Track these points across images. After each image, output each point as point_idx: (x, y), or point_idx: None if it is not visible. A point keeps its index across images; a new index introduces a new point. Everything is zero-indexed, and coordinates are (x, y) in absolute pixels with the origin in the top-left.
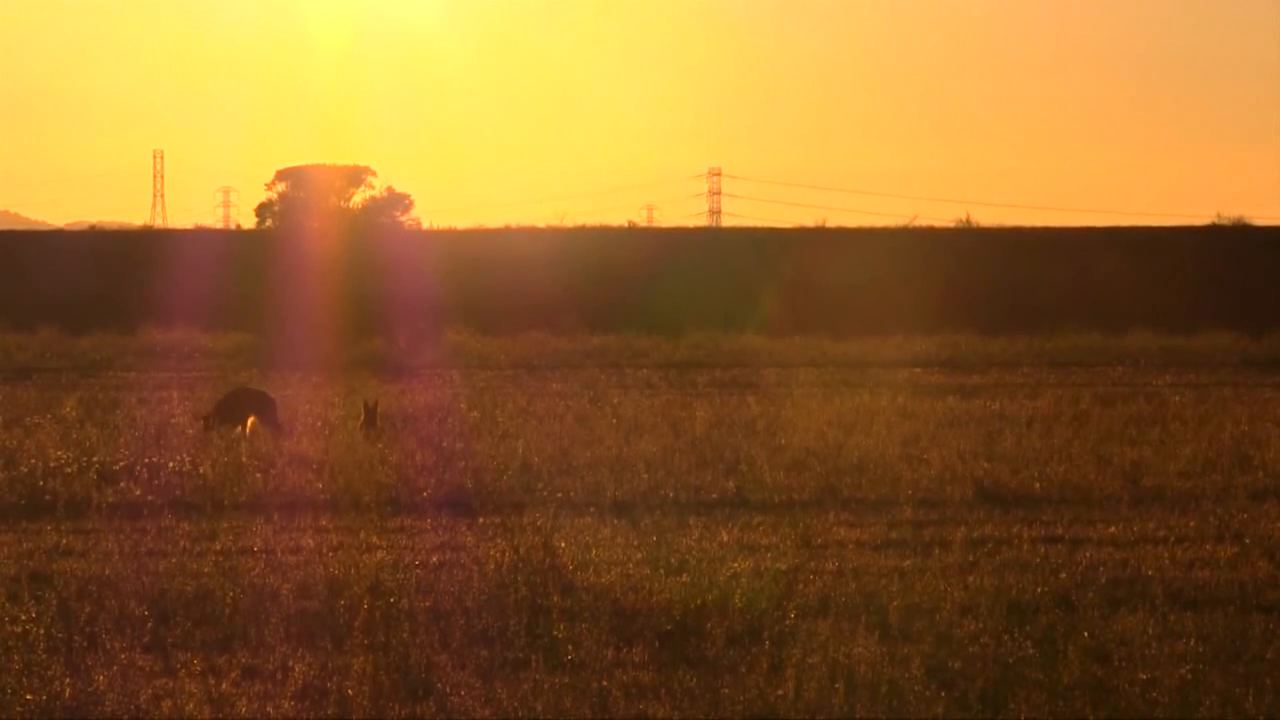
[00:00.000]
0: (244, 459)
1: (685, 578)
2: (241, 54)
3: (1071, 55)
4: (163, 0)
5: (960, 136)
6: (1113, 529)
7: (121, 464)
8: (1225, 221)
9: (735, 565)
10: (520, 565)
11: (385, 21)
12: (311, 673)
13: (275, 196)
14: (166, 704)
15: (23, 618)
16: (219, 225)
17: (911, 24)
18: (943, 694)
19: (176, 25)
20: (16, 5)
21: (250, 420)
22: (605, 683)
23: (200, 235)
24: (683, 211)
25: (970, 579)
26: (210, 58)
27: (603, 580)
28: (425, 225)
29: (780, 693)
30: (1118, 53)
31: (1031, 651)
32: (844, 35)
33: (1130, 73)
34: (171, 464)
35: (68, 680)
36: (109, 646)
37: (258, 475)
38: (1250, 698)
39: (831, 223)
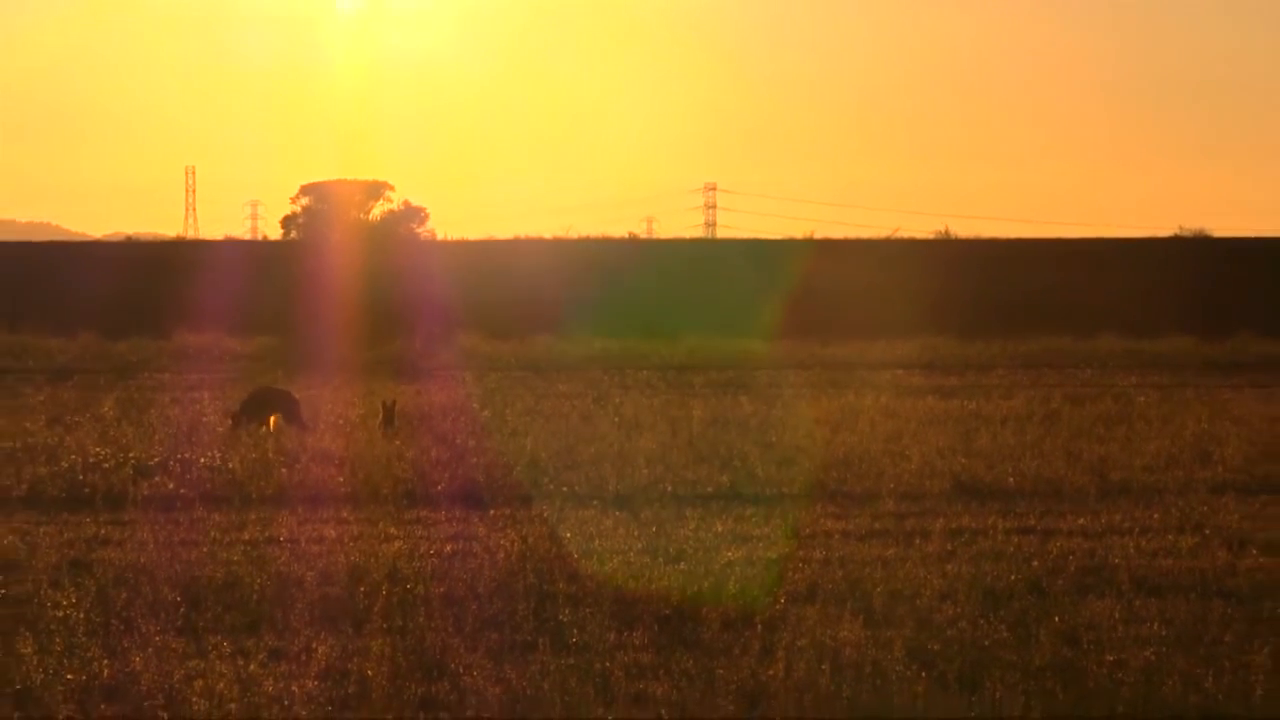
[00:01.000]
0: (270, 455)
1: (682, 566)
2: (268, 76)
3: (1044, 79)
4: (195, 26)
5: (940, 154)
6: (1082, 520)
7: (156, 459)
8: (1187, 233)
9: (729, 554)
10: (528, 554)
11: (403, 46)
12: (333, 654)
13: (299, 210)
14: (198, 684)
15: (64, 603)
16: (247, 236)
17: (895, 50)
18: (923, 674)
19: (208, 49)
20: (57, 32)
21: (274, 418)
22: (608, 664)
23: (229, 246)
24: (680, 224)
25: (948, 567)
26: (239, 80)
27: (605, 568)
28: (440, 236)
29: (771, 673)
30: (1088, 76)
31: (1006, 635)
32: (832, 59)
33: (1099, 95)
34: (202, 459)
35: (106, 661)
36: (144, 630)
37: (283, 470)
38: (1210, 678)
39: (820, 234)
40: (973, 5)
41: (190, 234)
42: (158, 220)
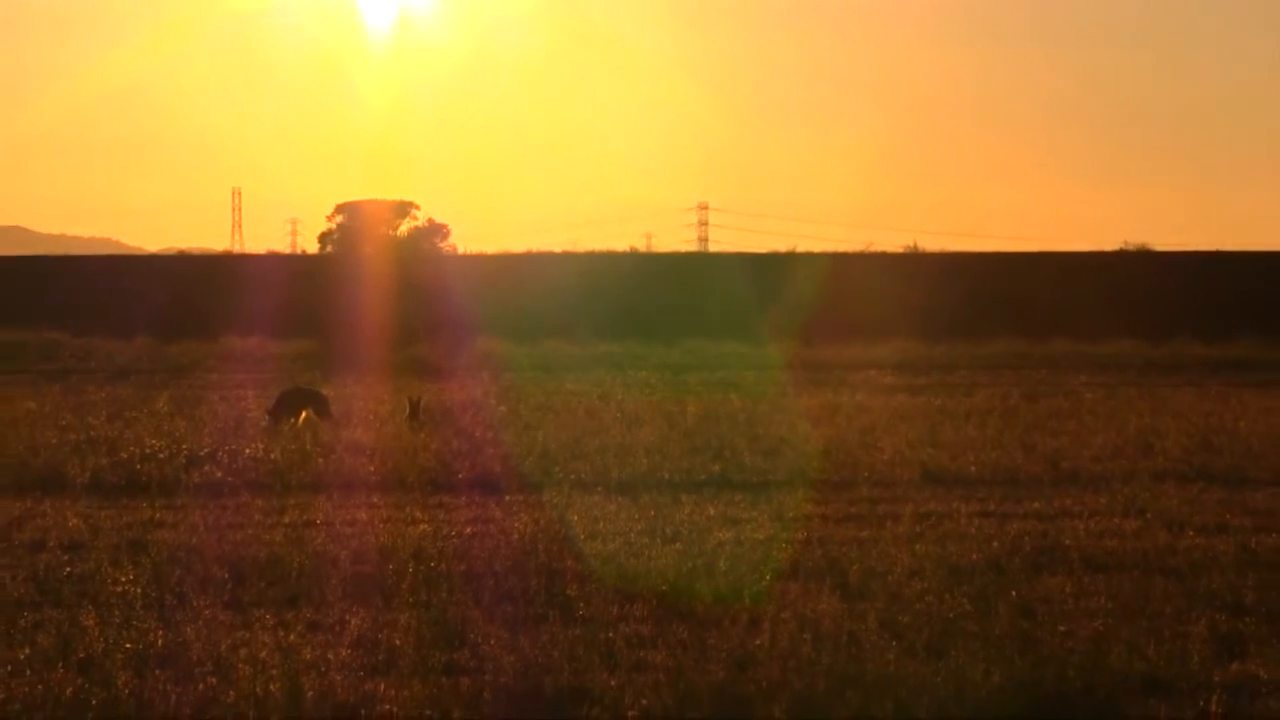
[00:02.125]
0: (308, 446)
1: (678, 546)
2: (307, 107)
3: (1002, 108)
4: (241, 62)
5: (909, 177)
6: (1036, 505)
7: (205, 450)
8: (1131, 248)
9: (720, 536)
10: (540, 536)
11: (429, 81)
12: (365, 625)
13: (334, 226)
14: (243, 652)
15: (123, 579)
16: (287, 251)
17: (869, 85)
18: (894, 643)
19: (253, 82)
20: (116, 68)
21: (303, 414)
22: (611, 634)
23: (271, 259)
24: (676, 239)
25: (917, 547)
26: (280, 110)
27: (609, 548)
28: (460, 250)
29: (758, 642)
30: (1042, 105)
31: (968, 607)
32: (812, 95)
33: (1051, 124)
34: (247, 450)
35: (160, 632)
36: (195, 604)
37: (320, 460)
38: (1152, 646)
39: (801, 249)
40: (936, 48)
41: (236, 248)
42: (207, 236)
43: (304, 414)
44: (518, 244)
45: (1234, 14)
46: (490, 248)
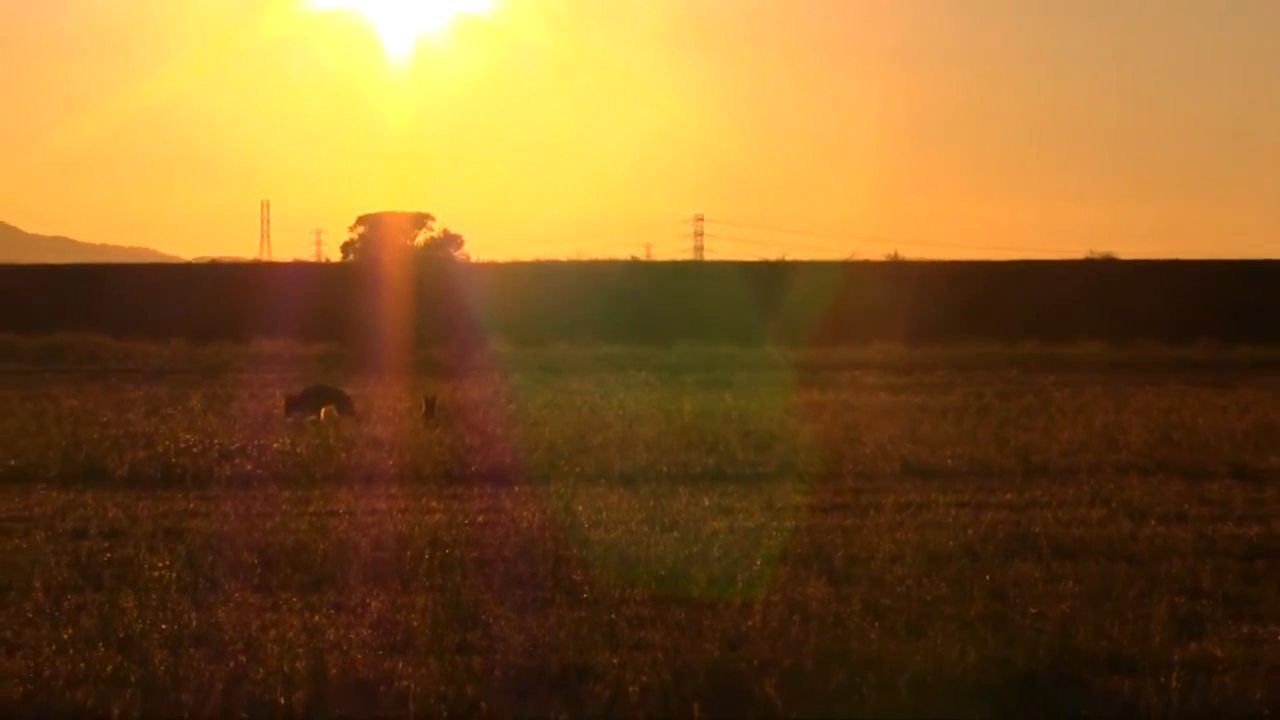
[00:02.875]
0: (331, 441)
1: (675, 534)
2: (331, 125)
3: (976, 126)
4: (268, 83)
5: (891, 191)
6: (1008, 495)
7: (236, 445)
8: (1097, 256)
9: (714, 524)
10: (547, 524)
11: (444, 100)
12: (384, 607)
13: (356, 236)
14: (271, 632)
15: (159, 565)
16: (312, 259)
17: (849, 107)
18: (876, 624)
19: (280, 102)
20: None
21: (324, 409)
22: (613, 615)
23: (297, 267)
24: (674, 249)
25: (898, 534)
26: (306, 128)
27: (611, 535)
28: (473, 259)
29: (749, 623)
30: (1013, 123)
31: (945, 591)
32: (798, 115)
33: (1023, 138)
34: (275, 445)
35: (194, 613)
36: (226, 587)
37: (342, 454)
38: (1116, 627)
39: (789, 257)
40: (916, 75)
41: (265, 257)
42: (238, 245)
43: (324, 409)
44: (526, 253)
45: (1190, 46)
46: (501, 256)
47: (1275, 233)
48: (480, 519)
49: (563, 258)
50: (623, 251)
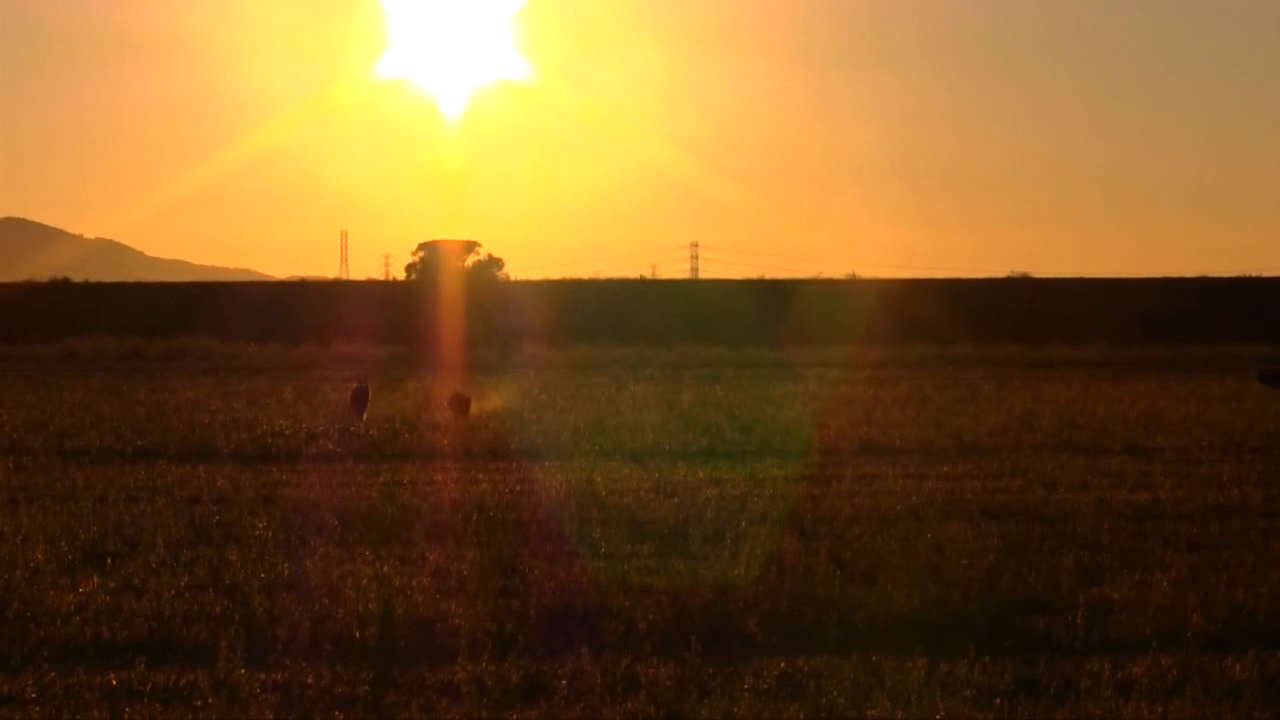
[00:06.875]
0: (396, 425)
1: (676, 500)
2: (398, 168)
3: (919, 168)
4: (349, 135)
5: (846, 223)
6: (945, 469)
7: (320, 428)
8: (1016, 274)
9: (707, 492)
10: (571, 492)
11: (491, 147)
12: (441, 559)
13: (417, 260)
14: (349, 580)
15: (259, 525)
16: (382, 278)
17: (816, 155)
18: (838, 573)
19: (358, 150)
20: (253, 145)
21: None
22: (625, 566)
23: (370, 285)
24: (674, 269)
25: (855, 500)
26: (379, 171)
27: (624, 501)
28: (513, 278)
29: (736, 572)
30: (949, 166)
31: (894, 546)
32: (777, 163)
33: (957, 178)
34: (351, 428)
35: (287, 565)
36: (312, 543)
37: (406, 436)
38: (1032, 575)
39: (769, 276)
40: (867, 122)
41: (344, 276)
42: (322, 266)
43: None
44: (555, 272)
45: (1109, 85)
46: (535, 275)
47: (1164, 254)
48: (518, 488)
49: (584, 276)
50: (632, 271)
